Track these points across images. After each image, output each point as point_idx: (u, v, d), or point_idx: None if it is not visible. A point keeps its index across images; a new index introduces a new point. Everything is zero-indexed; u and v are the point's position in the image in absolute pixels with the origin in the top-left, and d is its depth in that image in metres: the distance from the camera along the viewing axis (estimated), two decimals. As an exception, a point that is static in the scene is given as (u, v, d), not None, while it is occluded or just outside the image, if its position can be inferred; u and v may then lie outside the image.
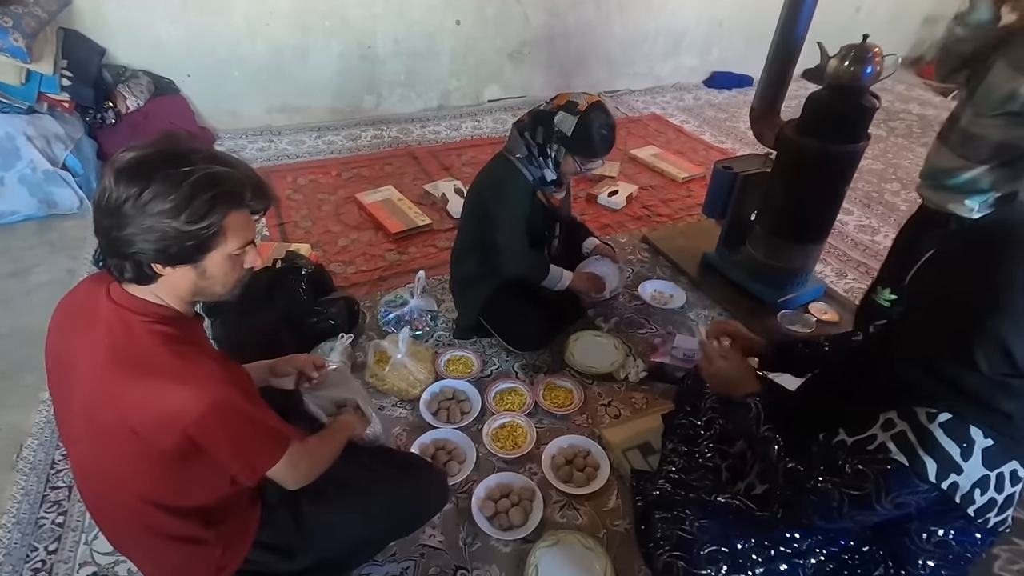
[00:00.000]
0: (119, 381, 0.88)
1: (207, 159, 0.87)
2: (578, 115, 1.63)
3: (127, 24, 2.99)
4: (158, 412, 0.87)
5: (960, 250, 0.93)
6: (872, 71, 1.73)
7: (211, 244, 0.89)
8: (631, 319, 2.18)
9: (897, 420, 0.90)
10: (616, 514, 1.51)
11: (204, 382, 0.88)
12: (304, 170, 3.11)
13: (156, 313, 0.91)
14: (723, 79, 4.61)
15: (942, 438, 0.86)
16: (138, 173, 0.82)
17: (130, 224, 0.83)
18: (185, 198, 0.83)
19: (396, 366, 1.77)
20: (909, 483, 0.88)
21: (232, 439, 0.93)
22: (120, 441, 0.90)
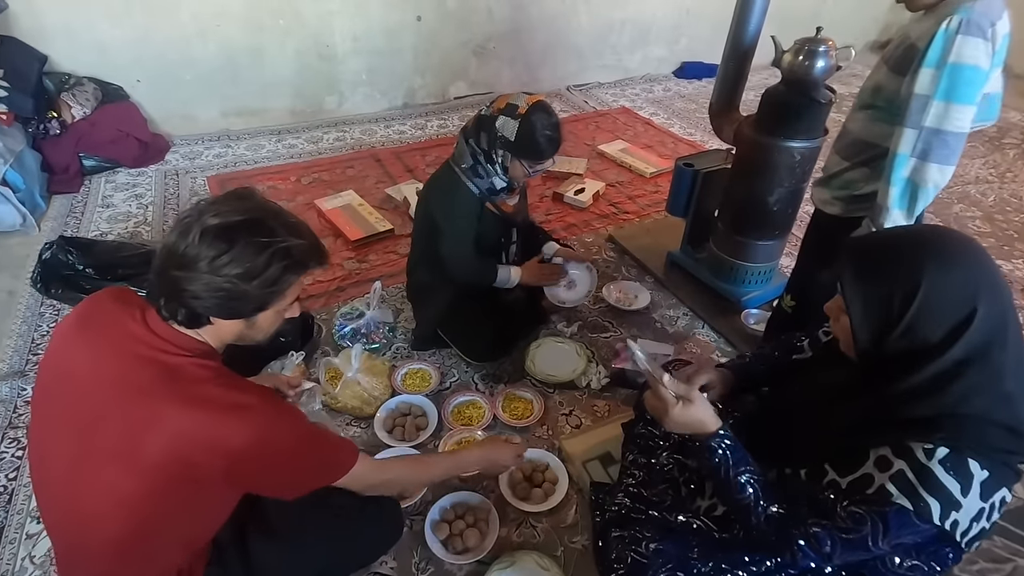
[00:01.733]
0: (172, 408, 0.88)
1: (286, 228, 0.93)
2: (519, 118, 1.57)
3: (67, 28, 2.86)
4: (207, 438, 0.88)
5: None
6: (827, 65, 1.70)
7: (270, 305, 0.96)
8: (595, 322, 2.14)
9: (893, 458, 0.85)
10: (574, 530, 1.47)
11: (250, 412, 0.91)
12: (262, 176, 3.01)
13: (197, 350, 0.95)
14: (693, 69, 4.57)
15: (943, 476, 0.81)
16: (223, 237, 0.88)
17: (201, 279, 0.88)
18: (262, 266, 0.89)
19: (349, 383, 1.71)
20: (910, 525, 0.84)
21: (286, 461, 0.97)
22: (150, 462, 0.88)
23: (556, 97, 4.17)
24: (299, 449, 0.99)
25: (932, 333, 0.84)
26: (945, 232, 0.92)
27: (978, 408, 0.83)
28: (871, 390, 0.92)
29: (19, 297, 2.14)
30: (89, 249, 2.03)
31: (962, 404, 0.83)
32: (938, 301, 0.83)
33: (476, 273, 1.80)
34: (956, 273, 0.83)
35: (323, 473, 1.04)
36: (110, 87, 3.03)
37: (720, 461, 1.02)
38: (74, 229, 2.55)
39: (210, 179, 2.96)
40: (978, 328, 0.82)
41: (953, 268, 0.84)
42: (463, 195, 1.69)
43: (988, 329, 0.82)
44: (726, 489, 1.02)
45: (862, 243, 0.97)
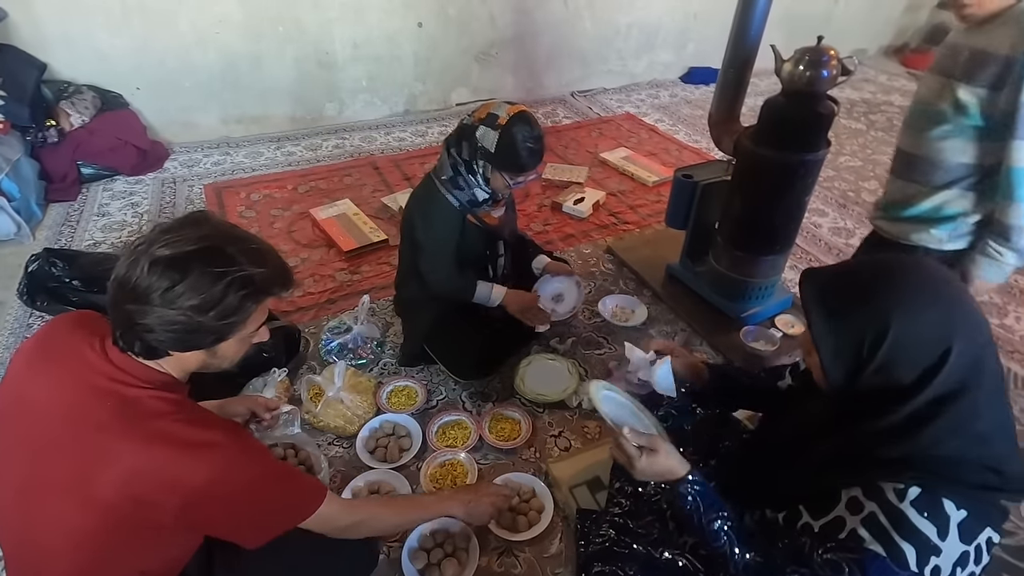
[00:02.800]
0: (128, 444, 0.84)
1: (244, 254, 0.88)
2: (499, 129, 1.51)
3: (66, 37, 2.87)
4: (164, 478, 0.84)
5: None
6: (828, 75, 1.62)
7: (231, 334, 0.91)
8: (589, 338, 2.08)
9: (863, 500, 0.81)
10: (557, 560, 1.41)
11: (212, 449, 0.87)
12: (259, 184, 2.99)
13: (159, 381, 0.91)
14: (700, 74, 4.49)
15: (917, 519, 0.77)
16: (175, 267, 0.84)
17: (153, 312, 0.84)
18: (217, 297, 0.85)
19: (331, 402, 1.67)
20: (888, 571, 0.78)
21: (247, 501, 0.92)
22: (101, 499, 0.84)
23: (560, 103, 4.12)
24: (262, 490, 0.94)
25: (904, 375, 0.79)
26: (915, 266, 0.86)
27: (952, 449, 0.79)
28: (844, 427, 0.88)
29: (8, 308, 2.13)
30: (75, 260, 2.01)
31: (936, 446, 0.79)
32: (910, 343, 0.79)
33: (455, 289, 1.75)
34: (929, 313, 0.79)
35: (287, 515, 0.98)
36: (109, 95, 3.03)
37: (691, 508, 0.98)
38: (68, 238, 2.55)
39: (207, 187, 2.95)
40: (952, 369, 0.77)
41: (925, 308, 0.79)
42: (441, 208, 1.64)
43: (962, 369, 0.78)
44: (701, 536, 0.97)
45: (828, 280, 0.89)
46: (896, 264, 0.87)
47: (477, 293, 1.74)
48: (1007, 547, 1.46)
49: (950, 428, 0.79)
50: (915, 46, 5.08)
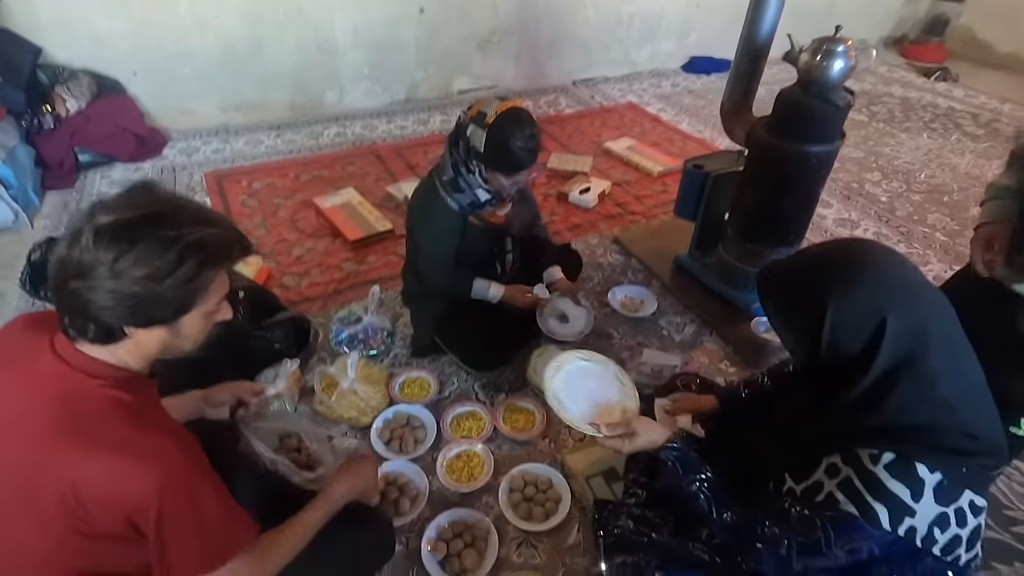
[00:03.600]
0: (69, 453, 0.79)
1: (195, 220, 0.83)
2: (486, 128, 1.47)
3: (62, 20, 2.80)
4: (110, 489, 0.80)
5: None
6: (845, 66, 1.62)
7: (191, 305, 0.86)
8: (599, 329, 2.07)
9: (841, 465, 0.86)
10: (576, 551, 1.42)
11: (158, 457, 0.81)
12: (260, 172, 2.95)
13: (113, 376, 0.85)
14: (702, 64, 4.47)
15: (890, 481, 0.82)
16: (121, 236, 0.78)
17: (104, 287, 0.78)
18: (171, 263, 0.80)
19: (345, 393, 1.66)
20: (861, 531, 0.84)
21: (173, 532, 0.83)
22: (52, 519, 0.80)
23: (562, 92, 4.09)
24: (204, 510, 0.85)
25: (852, 349, 0.86)
26: (852, 249, 0.93)
27: (922, 417, 0.83)
28: (822, 404, 0.95)
29: (9, 298, 2.09)
30: (79, 250, 1.97)
31: (904, 414, 0.84)
32: (847, 321, 0.85)
33: (450, 287, 1.74)
34: (861, 291, 0.85)
35: (216, 548, 0.88)
36: (106, 80, 2.97)
37: (670, 473, 1.07)
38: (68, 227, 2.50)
39: (207, 175, 2.90)
40: (893, 339, 0.83)
41: (856, 287, 0.85)
42: (440, 213, 1.61)
43: (905, 339, 0.83)
44: (683, 501, 1.05)
45: (774, 274, 0.98)
46: (834, 249, 0.95)
47: (475, 290, 1.73)
48: (1017, 534, 1.49)
49: (911, 396, 0.83)
50: (914, 37, 5.08)
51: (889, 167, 3.27)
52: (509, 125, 1.47)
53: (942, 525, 0.82)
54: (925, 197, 2.99)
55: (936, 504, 0.81)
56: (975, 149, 3.52)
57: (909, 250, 2.59)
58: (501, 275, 1.83)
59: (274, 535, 1.00)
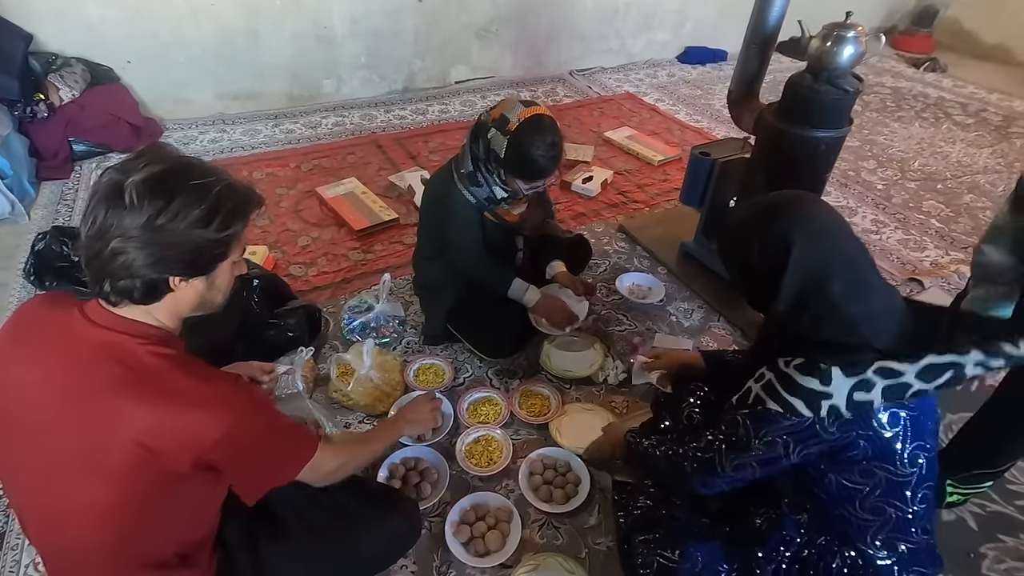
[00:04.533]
0: (132, 407, 0.82)
1: (215, 171, 0.88)
2: (508, 136, 1.46)
3: (55, 6, 2.73)
4: (178, 436, 0.83)
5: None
6: (856, 52, 1.64)
7: (228, 251, 0.90)
8: (608, 315, 2.09)
9: (765, 372, 1.01)
10: (598, 532, 1.44)
11: (223, 403, 0.87)
12: (260, 162, 2.92)
13: (154, 335, 0.88)
14: (697, 54, 4.49)
15: (800, 377, 0.95)
16: (159, 190, 0.81)
17: (153, 239, 0.81)
18: (213, 208, 0.84)
19: (361, 380, 1.66)
20: (775, 421, 0.98)
21: (256, 453, 0.93)
22: (120, 469, 0.83)
23: (559, 82, 4.09)
24: (270, 440, 0.95)
25: (770, 276, 1.00)
26: (783, 196, 1.09)
27: (831, 334, 0.97)
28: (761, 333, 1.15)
29: (11, 289, 2.05)
30: (85, 239, 1.94)
31: (817, 332, 0.98)
32: (766, 251, 1.01)
33: (491, 280, 1.73)
34: (775, 225, 1.01)
35: (287, 465, 0.98)
36: (99, 68, 2.90)
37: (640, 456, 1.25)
38: (66, 217, 2.46)
39: (206, 165, 2.86)
40: (797, 267, 0.97)
41: (771, 226, 1.02)
42: (460, 203, 1.61)
43: (809, 267, 0.97)
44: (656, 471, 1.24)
45: (723, 231, 1.18)
46: (761, 204, 1.09)
47: (513, 289, 1.72)
48: (1021, 507, 1.54)
49: (820, 315, 0.97)
50: (904, 28, 5.15)
51: (884, 155, 3.32)
52: (531, 133, 1.46)
53: (864, 388, 0.94)
54: (920, 185, 3.05)
55: (846, 379, 0.94)
56: (965, 138, 3.58)
57: (906, 236, 2.64)
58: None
59: (349, 438, 1.24)
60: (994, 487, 1.52)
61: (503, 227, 1.73)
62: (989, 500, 1.53)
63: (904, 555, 1.05)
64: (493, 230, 1.71)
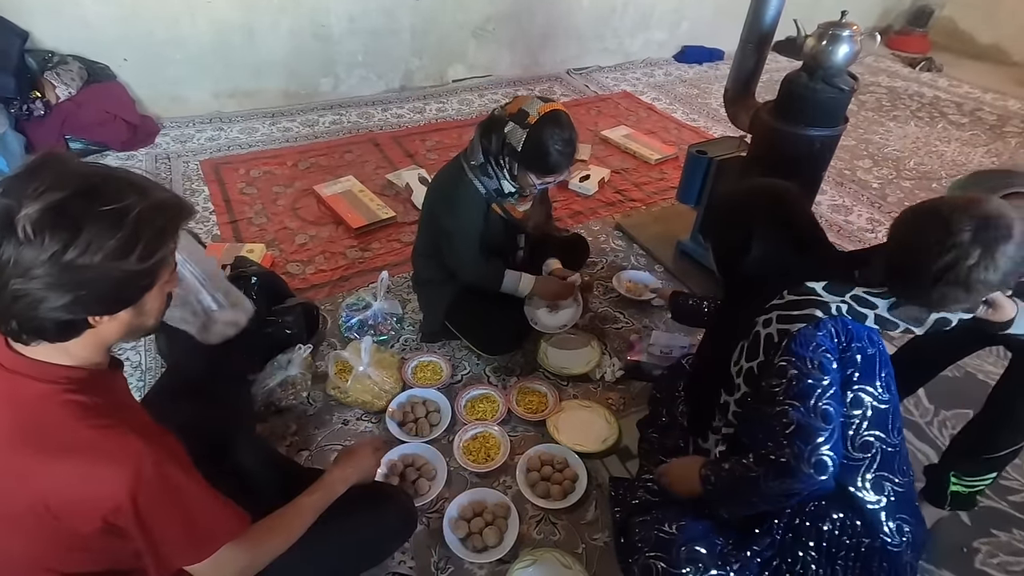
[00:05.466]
0: (30, 462, 0.76)
1: (130, 188, 0.76)
2: (527, 128, 1.48)
3: (50, 4, 2.72)
4: (78, 494, 0.76)
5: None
6: (851, 51, 1.65)
7: (156, 280, 0.80)
8: (606, 313, 2.10)
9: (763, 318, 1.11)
10: (595, 527, 1.45)
11: (125, 458, 0.77)
12: (258, 160, 2.92)
13: (64, 377, 0.78)
14: (694, 53, 4.50)
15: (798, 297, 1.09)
16: (60, 222, 0.69)
17: (59, 280, 0.70)
18: (131, 236, 0.73)
19: (359, 377, 1.66)
20: (811, 334, 1.03)
21: (156, 525, 0.80)
22: (30, 523, 0.78)
23: (556, 81, 4.09)
24: (182, 504, 0.82)
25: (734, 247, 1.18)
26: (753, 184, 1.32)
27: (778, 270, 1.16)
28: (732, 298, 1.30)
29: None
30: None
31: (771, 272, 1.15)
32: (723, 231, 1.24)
33: (482, 278, 1.74)
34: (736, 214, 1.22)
35: (196, 541, 0.85)
36: (96, 66, 2.90)
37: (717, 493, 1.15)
38: (62, 215, 2.45)
39: (203, 163, 2.86)
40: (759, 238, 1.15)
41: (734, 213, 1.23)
42: (469, 194, 1.61)
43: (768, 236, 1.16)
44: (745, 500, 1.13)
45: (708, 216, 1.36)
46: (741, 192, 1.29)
47: (505, 283, 1.73)
48: (1014, 503, 1.55)
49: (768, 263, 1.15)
50: (899, 28, 5.17)
51: (880, 154, 3.34)
52: (550, 127, 1.48)
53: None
54: (915, 184, 3.06)
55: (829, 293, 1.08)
56: (960, 137, 3.60)
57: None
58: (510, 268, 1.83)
59: (270, 520, 0.98)
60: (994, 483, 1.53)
61: (507, 223, 1.74)
62: (983, 496, 1.55)
63: (891, 498, 1.08)
64: (499, 224, 1.72)
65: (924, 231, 0.96)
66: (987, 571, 1.40)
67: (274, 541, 0.97)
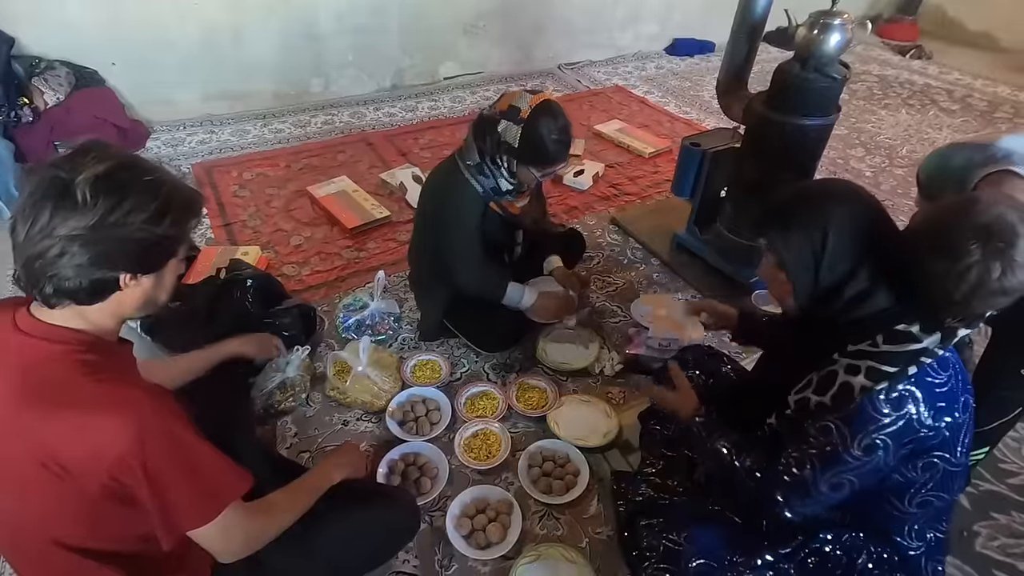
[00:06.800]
0: (36, 419, 0.79)
1: (160, 166, 0.87)
2: (521, 123, 1.47)
3: (34, 8, 2.70)
4: (84, 447, 0.79)
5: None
6: (842, 40, 1.65)
7: (178, 248, 0.90)
8: (603, 307, 2.10)
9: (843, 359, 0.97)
10: (598, 521, 1.45)
11: (129, 408, 0.80)
12: (250, 163, 2.90)
13: (76, 339, 0.84)
14: (685, 46, 4.50)
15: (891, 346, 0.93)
16: (114, 186, 0.79)
17: (106, 236, 0.79)
18: (164, 204, 0.83)
19: (358, 378, 1.66)
20: (870, 419, 0.90)
21: (162, 480, 0.81)
22: (39, 483, 0.80)
23: (548, 76, 4.08)
24: (182, 459, 0.84)
25: (845, 265, 0.97)
26: (837, 184, 1.08)
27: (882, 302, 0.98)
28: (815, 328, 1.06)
29: (2, 295, 2.02)
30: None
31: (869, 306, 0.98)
32: (844, 239, 0.97)
33: (485, 290, 1.72)
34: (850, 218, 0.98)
35: (201, 498, 0.87)
36: (84, 71, 2.87)
37: (695, 438, 1.16)
38: (54, 222, 2.43)
39: (195, 167, 2.84)
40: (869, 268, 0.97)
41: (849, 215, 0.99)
42: (466, 196, 1.60)
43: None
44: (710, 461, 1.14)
45: (778, 208, 1.06)
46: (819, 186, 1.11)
47: (509, 294, 1.71)
48: (1012, 485, 1.56)
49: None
50: (889, 16, 5.18)
51: (872, 143, 3.35)
52: (544, 119, 1.47)
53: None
54: (908, 171, 3.07)
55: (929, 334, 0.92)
56: (951, 124, 3.62)
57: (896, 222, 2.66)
58: (508, 265, 1.84)
59: (272, 496, 1.02)
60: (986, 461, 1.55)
61: (504, 220, 1.73)
62: (982, 479, 1.56)
63: (932, 544, 1.05)
64: (496, 222, 1.72)
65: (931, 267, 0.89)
66: (987, 554, 1.41)
67: (277, 514, 1.01)
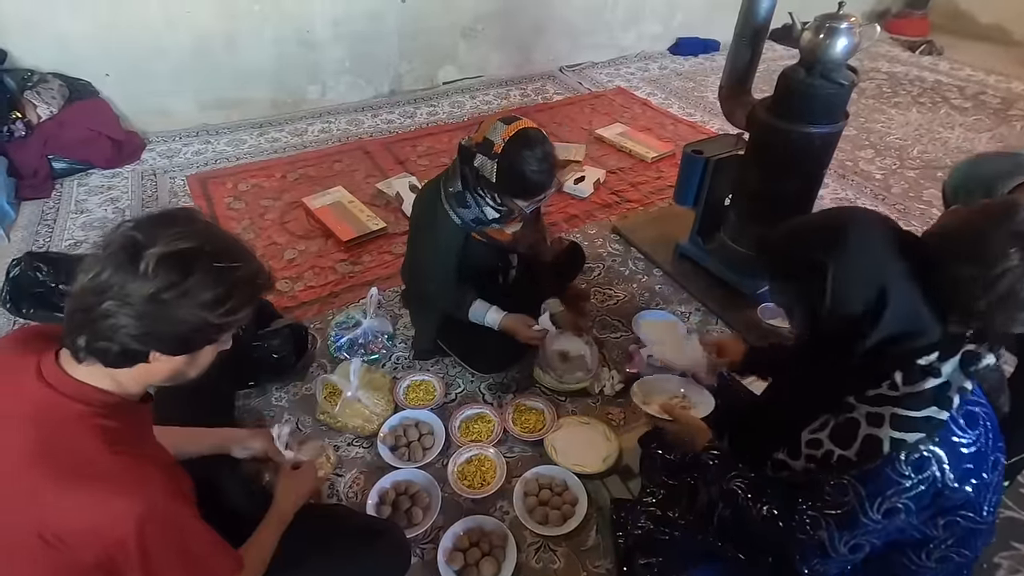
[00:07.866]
0: (44, 486, 0.76)
1: (242, 252, 0.84)
2: (496, 159, 1.39)
3: (25, 20, 2.67)
4: (87, 522, 0.76)
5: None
6: (849, 44, 1.58)
7: (223, 335, 0.86)
8: (604, 321, 2.04)
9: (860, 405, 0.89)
10: (596, 554, 1.39)
11: (140, 488, 0.78)
12: (245, 173, 2.86)
13: (100, 401, 0.81)
14: (688, 45, 4.41)
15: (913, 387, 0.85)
16: (179, 265, 0.77)
17: (152, 312, 0.76)
18: (225, 293, 0.80)
19: (349, 402, 1.61)
20: (889, 481, 0.84)
21: (154, 564, 0.79)
22: (31, 551, 0.76)
23: (549, 79, 4.01)
24: (187, 542, 0.84)
25: (855, 308, 0.88)
26: (846, 215, 0.97)
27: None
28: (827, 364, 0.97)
29: (-10, 316, 2.00)
30: (59, 264, 1.88)
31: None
32: (850, 279, 0.88)
33: (448, 306, 1.67)
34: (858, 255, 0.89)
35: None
36: (77, 83, 2.84)
37: (711, 471, 1.09)
38: (46, 238, 2.40)
39: (190, 178, 2.80)
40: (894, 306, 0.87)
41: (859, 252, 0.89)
42: (442, 225, 1.53)
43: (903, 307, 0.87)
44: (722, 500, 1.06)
45: (772, 242, 0.98)
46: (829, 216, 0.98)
47: (473, 313, 1.64)
48: None
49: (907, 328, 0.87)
50: (897, 11, 5.06)
51: (882, 144, 3.26)
52: (519, 151, 1.39)
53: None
54: (919, 173, 2.98)
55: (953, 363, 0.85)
56: (964, 122, 3.52)
57: (907, 228, 2.57)
58: (503, 288, 1.77)
59: (247, 555, 0.98)
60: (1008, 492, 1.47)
61: (493, 245, 1.67)
62: (1003, 507, 1.48)
63: None
64: (483, 249, 1.65)
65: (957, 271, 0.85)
66: (1009, 587, 1.34)
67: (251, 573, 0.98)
